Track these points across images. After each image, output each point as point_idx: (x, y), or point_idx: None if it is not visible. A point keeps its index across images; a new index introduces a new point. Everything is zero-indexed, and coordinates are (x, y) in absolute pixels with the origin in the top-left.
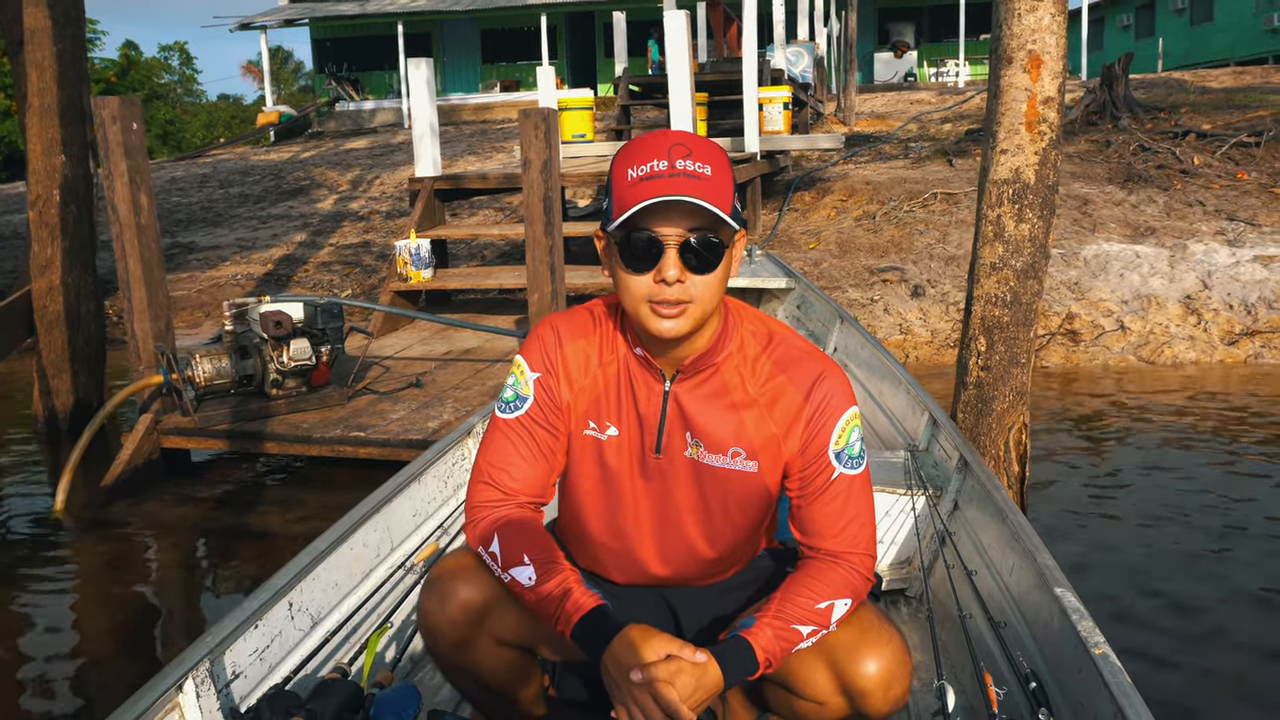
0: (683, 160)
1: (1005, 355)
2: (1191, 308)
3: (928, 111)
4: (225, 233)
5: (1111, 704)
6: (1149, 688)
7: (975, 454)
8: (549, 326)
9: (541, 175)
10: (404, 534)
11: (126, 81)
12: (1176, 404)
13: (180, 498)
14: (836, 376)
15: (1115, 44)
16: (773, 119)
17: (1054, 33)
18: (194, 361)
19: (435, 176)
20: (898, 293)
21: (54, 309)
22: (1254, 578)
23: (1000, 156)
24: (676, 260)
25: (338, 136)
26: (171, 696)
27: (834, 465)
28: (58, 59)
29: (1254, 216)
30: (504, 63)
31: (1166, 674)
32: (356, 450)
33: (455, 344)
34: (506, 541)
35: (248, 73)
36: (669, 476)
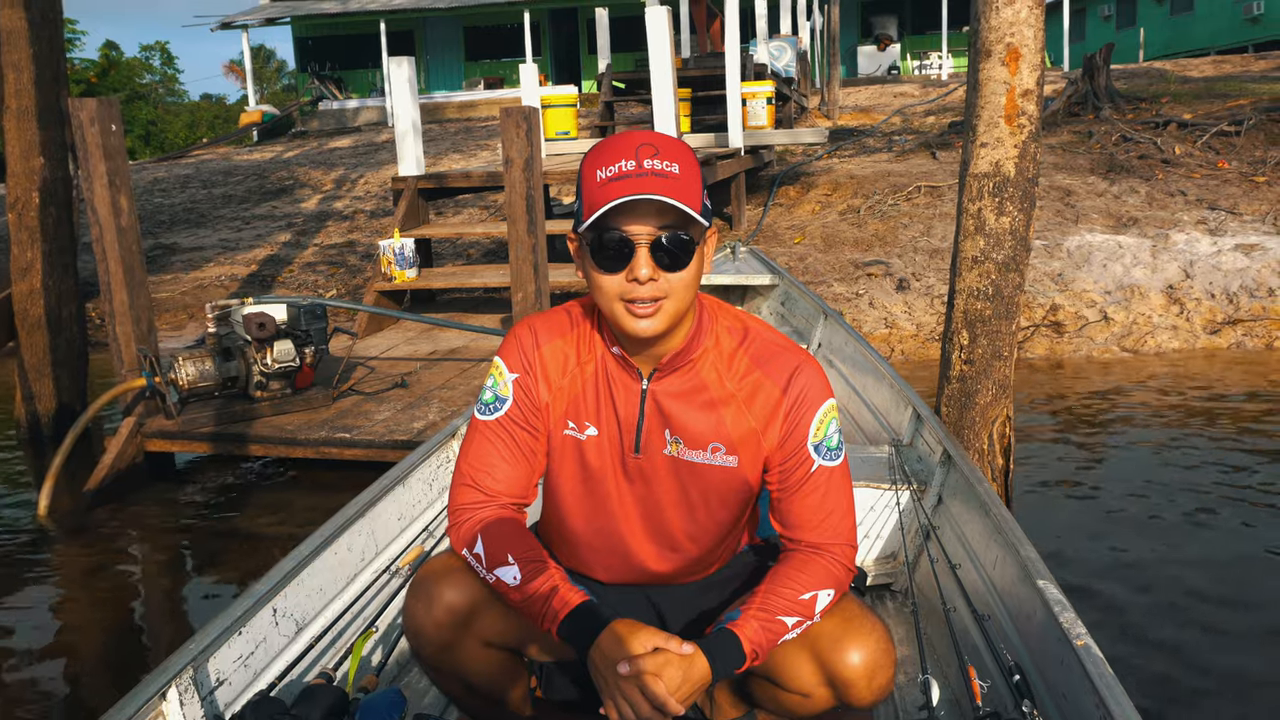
0: (650, 160)
1: (988, 349)
2: (1174, 297)
3: (911, 104)
4: (209, 234)
5: (1094, 695)
6: (1131, 678)
7: (959, 448)
8: (526, 327)
9: (524, 173)
10: (389, 538)
11: (107, 82)
12: (1160, 394)
13: (164, 501)
14: (813, 369)
15: (1097, 35)
16: (756, 114)
17: (1032, 25)
18: (177, 364)
19: (419, 175)
20: (883, 286)
21: (35, 312)
22: (1239, 568)
23: (980, 150)
24: (648, 259)
25: (321, 136)
26: (155, 704)
27: (813, 457)
28: (35, 61)
29: (1235, 205)
30: (488, 60)
31: (1149, 665)
32: (342, 452)
33: (440, 344)
34: (491, 542)
35: (230, 72)
36: (650, 475)
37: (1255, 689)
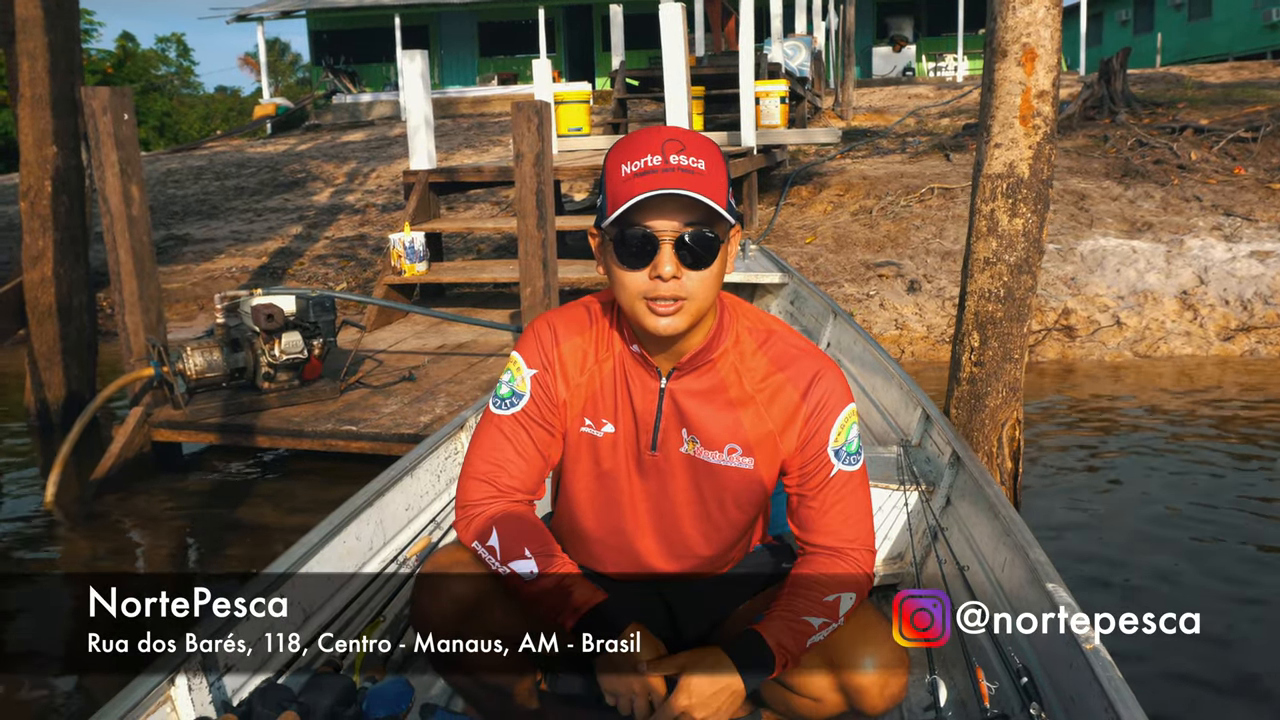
0: (677, 155)
1: (999, 351)
2: (1188, 303)
3: (925, 106)
4: (221, 225)
5: (1103, 698)
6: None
7: (968, 449)
8: (545, 324)
9: (534, 168)
10: (396, 528)
11: (123, 73)
12: (1172, 400)
13: (171, 491)
14: (834, 374)
15: (1114, 39)
16: (769, 113)
17: (1049, 26)
18: (185, 354)
19: (430, 170)
20: (894, 288)
21: (46, 301)
22: (1249, 573)
23: (994, 151)
24: (672, 256)
25: (335, 129)
26: (163, 689)
27: (833, 462)
28: (49, 49)
29: (1250, 212)
30: (502, 55)
31: (1159, 669)
32: (348, 444)
33: (449, 338)
34: (506, 535)
35: (245, 65)
36: (665, 473)
37: (1266, 695)
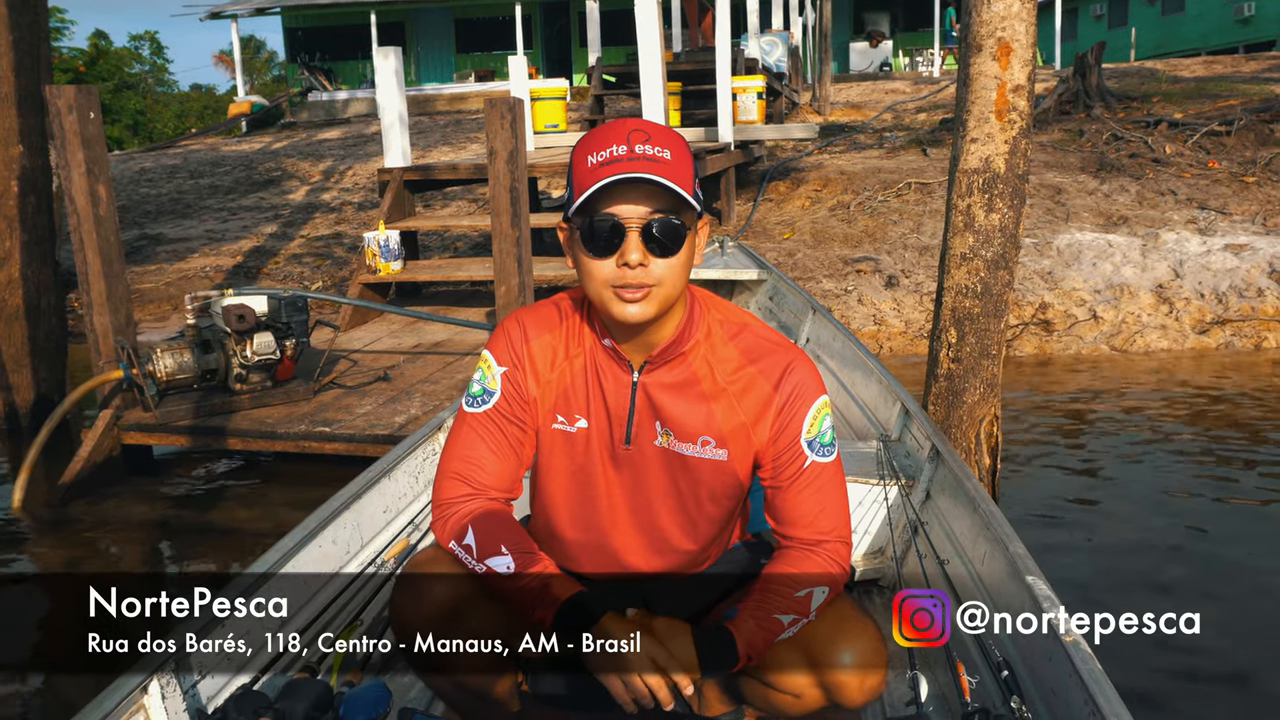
0: (642, 145)
1: (976, 347)
2: (1163, 296)
3: (903, 101)
4: (194, 224)
5: (1082, 690)
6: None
7: (947, 443)
8: (515, 321)
9: (508, 166)
10: (374, 530)
11: (95, 71)
12: (1149, 393)
13: (141, 495)
14: (806, 366)
15: (1088, 34)
16: (747, 109)
17: (1023, 20)
18: (155, 356)
19: (405, 167)
20: (872, 283)
21: (14, 302)
22: (1227, 562)
23: (970, 145)
24: (639, 243)
25: (310, 127)
26: (136, 698)
27: (806, 453)
28: (14, 46)
29: (1225, 205)
30: (479, 52)
31: (1137, 660)
32: (322, 446)
33: (424, 337)
34: (482, 533)
35: (220, 62)
36: (640, 467)
37: (1242, 686)
